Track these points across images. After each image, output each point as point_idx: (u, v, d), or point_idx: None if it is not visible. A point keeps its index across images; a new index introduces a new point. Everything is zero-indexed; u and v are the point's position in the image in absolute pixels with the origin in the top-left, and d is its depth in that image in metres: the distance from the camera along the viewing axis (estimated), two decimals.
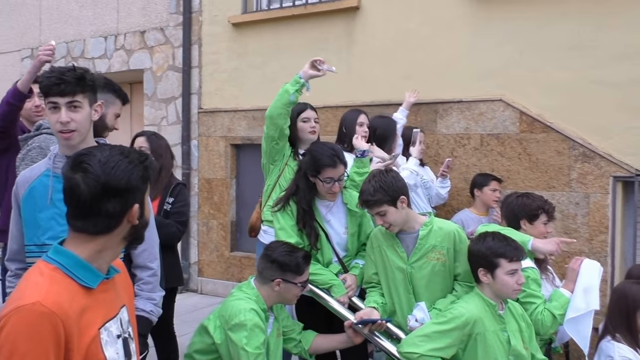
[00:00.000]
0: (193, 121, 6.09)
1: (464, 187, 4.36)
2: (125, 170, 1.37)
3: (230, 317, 2.52)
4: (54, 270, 1.34)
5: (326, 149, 2.91)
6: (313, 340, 2.86)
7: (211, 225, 5.95)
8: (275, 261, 2.63)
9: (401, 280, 2.76)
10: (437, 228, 2.76)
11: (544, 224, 3.04)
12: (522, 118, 4.22)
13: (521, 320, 2.64)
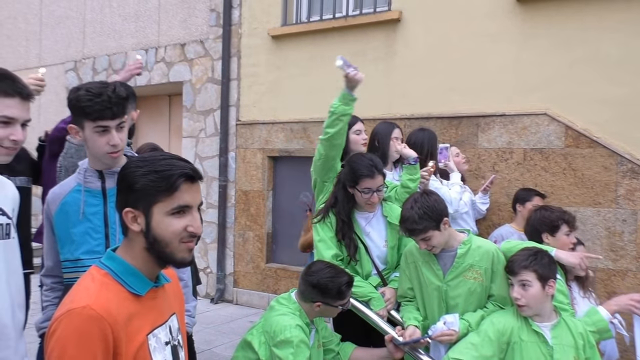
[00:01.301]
0: (231, 133, 6.15)
1: (506, 202, 4.29)
2: (130, 170, 1.39)
3: (276, 333, 2.51)
4: (105, 276, 1.36)
5: (365, 160, 2.89)
6: (352, 353, 2.84)
7: (247, 237, 5.98)
8: (317, 286, 2.60)
9: (435, 298, 2.72)
10: (476, 247, 2.71)
11: (567, 235, 2.98)
12: (568, 132, 4.14)
13: (580, 339, 2.56)
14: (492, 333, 2.50)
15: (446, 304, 2.70)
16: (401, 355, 2.76)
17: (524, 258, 2.52)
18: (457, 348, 2.57)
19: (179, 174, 1.36)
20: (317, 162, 3.19)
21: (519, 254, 2.55)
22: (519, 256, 2.54)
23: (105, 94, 2.00)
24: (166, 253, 1.38)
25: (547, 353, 2.49)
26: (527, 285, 2.48)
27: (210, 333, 3.76)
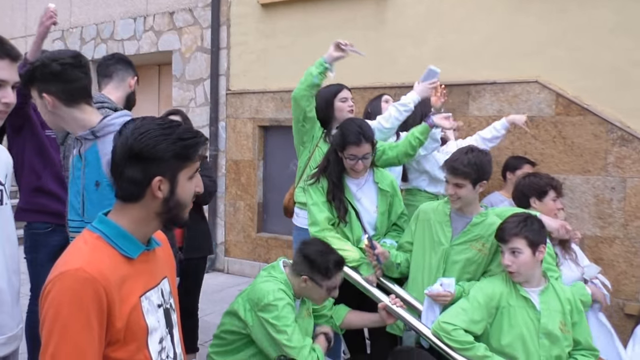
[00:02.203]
0: (221, 103, 6.10)
1: (496, 169, 4.27)
2: (153, 139, 1.35)
3: (260, 299, 2.54)
4: (97, 239, 1.37)
5: (354, 126, 2.90)
6: (345, 315, 2.89)
7: (238, 207, 5.98)
8: (307, 258, 2.61)
9: (437, 257, 2.80)
10: (491, 222, 2.76)
11: (553, 200, 3.09)
12: (558, 100, 4.12)
13: (567, 304, 2.59)
14: (481, 298, 2.54)
15: (445, 266, 2.78)
16: (393, 321, 2.81)
17: (514, 225, 2.52)
18: (448, 313, 2.62)
19: (202, 141, 1.44)
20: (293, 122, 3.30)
21: (508, 220, 2.56)
22: (509, 223, 2.54)
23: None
24: (180, 216, 1.45)
25: (535, 317, 2.53)
26: (518, 252, 2.50)
27: (201, 301, 3.78)
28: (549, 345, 2.53)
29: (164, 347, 1.48)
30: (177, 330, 1.59)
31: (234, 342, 2.65)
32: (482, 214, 2.78)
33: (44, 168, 3.07)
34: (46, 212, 3.00)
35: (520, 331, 2.50)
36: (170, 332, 1.52)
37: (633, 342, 2.83)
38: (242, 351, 2.65)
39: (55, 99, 1.97)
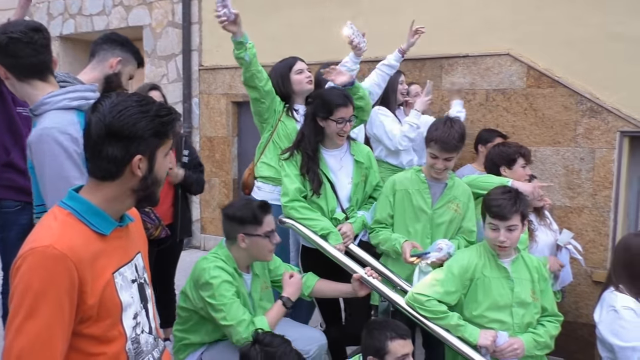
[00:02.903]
0: (194, 79, 6.01)
1: (468, 142, 4.30)
2: (132, 117, 1.33)
3: (198, 278, 2.55)
4: (68, 216, 1.35)
5: (336, 91, 2.98)
6: (315, 284, 2.90)
7: (213, 183, 5.95)
8: (234, 217, 2.61)
9: (422, 223, 2.90)
10: (458, 182, 2.97)
11: (522, 167, 3.24)
12: (530, 73, 4.16)
13: (535, 272, 2.67)
14: (455, 270, 2.59)
15: (431, 230, 2.89)
16: (365, 292, 2.83)
17: (512, 202, 2.53)
18: (421, 284, 2.67)
19: (177, 118, 1.44)
20: (250, 105, 3.31)
21: (502, 197, 2.55)
22: (505, 200, 2.54)
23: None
24: (155, 193, 1.44)
25: (509, 287, 2.60)
26: (514, 228, 2.55)
27: (177, 278, 3.80)
28: (522, 313, 2.60)
29: (138, 322, 1.48)
30: (152, 304, 1.59)
31: (191, 320, 2.66)
32: (451, 177, 2.93)
33: (14, 144, 3.01)
34: (15, 188, 2.96)
35: (494, 301, 2.57)
36: (144, 307, 1.52)
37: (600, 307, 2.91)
38: (200, 330, 2.66)
39: (7, 71, 1.92)
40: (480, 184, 3.07)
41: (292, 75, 3.36)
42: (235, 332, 2.49)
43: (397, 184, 2.95)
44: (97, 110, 1.34)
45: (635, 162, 4.05)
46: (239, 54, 3.09)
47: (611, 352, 2.78)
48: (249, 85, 3.19)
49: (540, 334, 2.62)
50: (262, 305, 2.71)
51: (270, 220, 2.63)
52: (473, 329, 2.55)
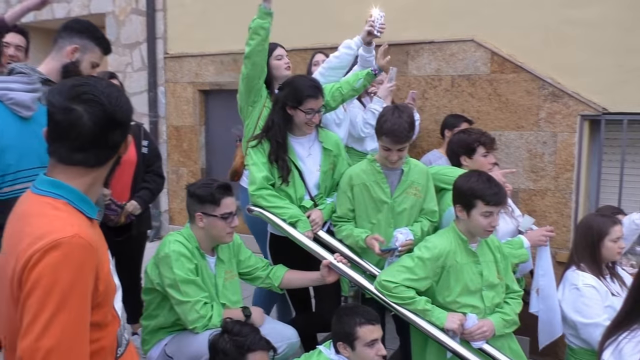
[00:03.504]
0: (159, 67, 5.91)
1: (435, 128, 4.38)
2: (126, 103, 1.38)
3: (158, 253, 2.56)
4: (66, 205, 1.33)
5: (307, 81, 2.96)
6: (284, 275, 2.89)
7: (181, 173, 5.88)
8: (194, 195, 2.61)
9: (384, 214, 2.87)
10: (414, 165, 2.95)
11: (484, 156, 3.10)
12: (494, 58, 4.22)
13: (497, 252, 2.72)
14: (426, 256, 2.59)
15: (394, 219, 2.87)
16: (334, 279, 2.84)
17: (501, 188, 2.59)
18: (389, 271, 2.68)
19: None
20: (241, 84, 3.22)
21: (494, 184, 2.57)
22: (498, 187, 2.57)
23: None
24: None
25: (477, 271, 2.63)
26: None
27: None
28: (492, 295, 2.65)
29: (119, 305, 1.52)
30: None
31: (153, 302, 2.64)
32: (407, 162, 2.90)
33: None
34: None
35: (466, 286, 2.61)
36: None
37: (563, 286, 3.00)
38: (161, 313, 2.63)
39: None
40: (442, 178, 3.05)
41: (272, 61, 3.37)
42: (191, 311, 2.46)
43: (354, 178, 2.91)
44: (93, 102, 1.31)
45: (594, 145, 4.16)
46: (263, 24, 3.04)
47: (574, 328, 2.87)
48: (253, 61, 3.11)
49: (507, 312, 2.68)
50: (225, 294, 2.68)
51: (229, 202, 2.61)
52: (440, 312, 2.58)
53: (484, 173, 2.68)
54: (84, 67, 2.51)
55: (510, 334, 2.74)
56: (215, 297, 2.63)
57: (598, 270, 2.88)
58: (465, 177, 2.65)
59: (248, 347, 2.15)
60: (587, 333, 2.76)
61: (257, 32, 3.06)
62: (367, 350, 2.36)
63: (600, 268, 2.89)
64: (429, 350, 2.69)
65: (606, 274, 2.90)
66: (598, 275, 2.87)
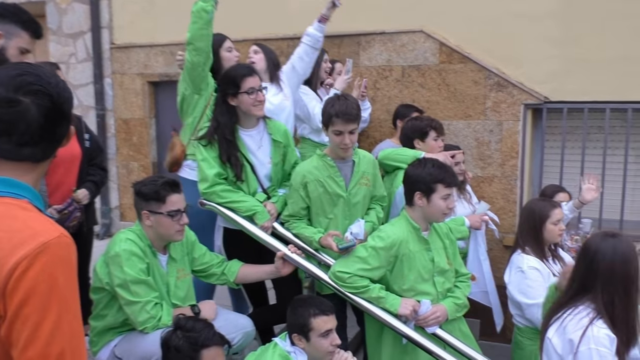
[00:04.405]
0: (105, 58, 5.71)
1: (387, 118, 4.45)
2: (68, 92, 1.31)
3: (108, 251, 2.50)
4: (29, 204, 1.25)
5: (239, 65, 2.99)
6: (239, 270, 2.88)
7: (132, 168, 5.73)
8: (139, 192, 2.55)
9: (340, 208, 2.88)
10: (363, 155, 2.97)
11: (434, 139, 3.34)
12: (442, 49, 4.32)
13: (445, 238, 2.80)
14: (380, 246, 2.62)
15: (349, 211, 2.89)
16: (289, 270, 2.85)
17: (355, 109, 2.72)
18: (342, 261, 2.71)
19: None
20: (185, 71, 3.17)
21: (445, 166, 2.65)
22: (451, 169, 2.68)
23: None
24: None
25: (429, 258, 2.70)
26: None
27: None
28: (442, 281, 2.73)
29: None
30: None
31: (101, 302, 2.58)
32: (355, 152, 2.93)
33: None
34: None
35: (419, 274, 2.67)
36: None
37: (509, 269, 3.12)
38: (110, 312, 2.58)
39: None
40: (396, 157, 3.17)
41: (222, 52, 3.36)
42: (141, 312, 2.42)
43: (307, 175, 2.87)
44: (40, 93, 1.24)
45: (537, 133, 4.34)
46: (205, 7, 2.99)
47: (519, 309, 3.01)
48: (196, 47, 3.05)
49: (458, 296, 2.77)
50: (177, 293, 2.63)
51: (176, 199, 2.54)
52: (394, 298, 2.63)
53: (434, 159, 2.75)
54: (11, 55, 2.40)
55: (461, 317, 2.83)
56: (166, 297, 2.58)
57: (541, 252, 3.01)
58: (418, 165, 2.70)
59: (202, 343, 2.11)
60: (531, 313, 2.89)
61: (199, 15, 3.00)
62: (322, 340, 2.38)
63: (543, 250, 3.03)
64: (384, 339, 2.74)
65: (549, 256, 3.04)
66: (541, 257, 3.00)
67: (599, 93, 4.01)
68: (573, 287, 2.14)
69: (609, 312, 2.00)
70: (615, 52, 3.92)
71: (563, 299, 2.18)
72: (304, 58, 3.65)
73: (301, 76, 3.72)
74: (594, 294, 2.05)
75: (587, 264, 2.08)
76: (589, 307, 2.04)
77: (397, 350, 2.71)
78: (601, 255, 2.04)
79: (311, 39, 3.63)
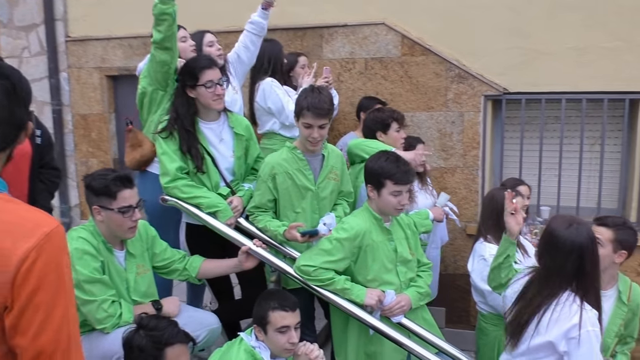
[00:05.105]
0: (60, 51, 5.52)
1: (350, 110, 4.47)
2: (25, 79, 1.30)
3: None
4: (7, 195, 1.25)
5: (200, 56, 2.95)
6: (200, 265, 2.83)
7: (91, 164, 5.58)
8: (89, 186, 2.45)
9: (309, 202, 2.87)
10: (331, 150, 2.98)
11: (397, 131, 3.36)
12: (404, 42, 4.35)
13: (407, 229, 2.84)
14: (343, 238, 2.63)
15: (318, 205, 2.89)
16: (252, 264, 2.83)
17: (409, 167, 2.66)
18: (307, 255, 2.70)
19: None
20: (150, 68, 3.09)
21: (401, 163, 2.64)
22: (405, 165, 2.64)
23: None
24: None
25: (392, 248, 2.72)
26: (409, 192, 2.67)
27: None
28: (405, 270, 2.76)
29: None
30: None
31: None
32: (325, 147, 2.93)
33: None
34: None
35: (383, 264, 2.68)
36: None
37: (472, 257, 3.18)
38: None
39: None
40: (365, 148, 3.15)
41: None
42: (98, 310, 2.35)
43: (276, 167, 2.85)
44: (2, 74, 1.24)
45: (497, 124, 4.43)
46: (166, 9, 2.87)
47: (482, 296, 3.07)
48: (164, 47, 2.97)
49: (421, 285, 2.80)
50: (138, 289, 2.57)
51: (128, 195, 2.44)
52: (359, 289, 2.64)
53: (392, 153, 2.75)
54: None
55: (424, 305, 2.87)
56: (125, 294, 2.51)
57: None
58: (374, 157, 2.71)
59: (166, 342, 2.05)
60: (493, 299, 2.95)
61: (162, 18, 2.91)
62: (278, 336, 2.35)
63: None
64: (350, 330, 2.76)
65: None
66: None
67: (555, 84, 4.12)
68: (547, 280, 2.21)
69: (586, 293, 2.16)
70: (569, 44, 4.03)
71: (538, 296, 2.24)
72: (249, 47, 3.58)
73: (247, 66, 3.66)
74: (568, 281, 2.17)
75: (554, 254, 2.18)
76: (570, 294, 2.16)
77: (363, 341, 2.73)
78: (569, 245, 2.15)
79: (255, 26, 3.54)
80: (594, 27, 3.97)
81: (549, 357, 2.18)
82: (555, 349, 2.14)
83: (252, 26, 3.54)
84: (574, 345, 2.09)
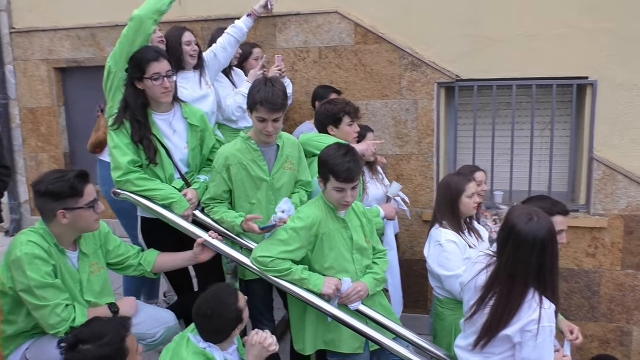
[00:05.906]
0: (5, 43, 5.31)
1: (306, 100, 4.46)
2: None
3: (9, 255, 2.32)
4: None
5: (146, 48, 2.88)
6: (155, 259, 2.80)
7: (41, 160, 5.41)
8: (48, 193, 2.34)
9: (264, 193, 2.86)
10: (287, 139, 2.95)
11: (349, 125, 3.27)
12: (357, 30, 4.36)
13: (362, 217, 2.85)
14: (299, 227, 2.62)
15: (274, 196, 2.87)
16: (208, 257, 2.81)
17: (357, 165, 2.60)
18: (263, 246, 2.69)
19: None
20: (119, 46, 2.99)
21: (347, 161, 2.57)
22: (351, 164, 2.56)
23: None
24: None
25: (347, 237, 2.73)
26: (356, 187, 2.63)
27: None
28: (361, 258, 2.78)
29: None
30: None
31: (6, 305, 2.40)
32: (280, 137, 2.90)
33: None
34: None
35: (339, 252, 2.69)
36: None
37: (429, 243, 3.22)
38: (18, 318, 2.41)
39: None
40: (315, 144, 3.12)
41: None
42: (51, 315, 2.29)
43: (230, 158, 2.82)
44: None
45: (451, 111, 4.50)
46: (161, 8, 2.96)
47: (439, 281, 3.12)
48: (142, 24, 2.93)
49: (377, 271, 2.82)
50: (91, 289, 2.51)
51: (91, 189, 2.42)
52: (317, 279, 2.64)
53: (343, 147, 2.68)
54: None
55: (380, 291, 2.90)
56: (79, 295, 2.45)
57: (458, 225, 3.13)
58: (325, 150, 2.69)
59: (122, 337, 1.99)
60: (450, 284, 3.01)
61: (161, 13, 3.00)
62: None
63: (460, 223, 3.14)
64: (307, 319, 2.76)
65: (465, 229, 3.17)
66: (458, 230, 3.11)
67: (506, 71, 4.20)
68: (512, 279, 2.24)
69: (546, 287, 2.19)
70: (518, 30, 4.12)
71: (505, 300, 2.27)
72: (227, 49, 3.69)
73: (222, 66, 3.75)
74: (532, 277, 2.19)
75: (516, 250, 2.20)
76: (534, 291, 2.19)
77: (321, 329, 2.74)
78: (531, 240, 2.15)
79: (238, 32, 3.71)
80: (543, 14, 4.06)
81: (503, 347, 2.25)
82: (511, 340, 2.21)
83: (235, 30, 3.71)
84: (528, 337, 2.16)
